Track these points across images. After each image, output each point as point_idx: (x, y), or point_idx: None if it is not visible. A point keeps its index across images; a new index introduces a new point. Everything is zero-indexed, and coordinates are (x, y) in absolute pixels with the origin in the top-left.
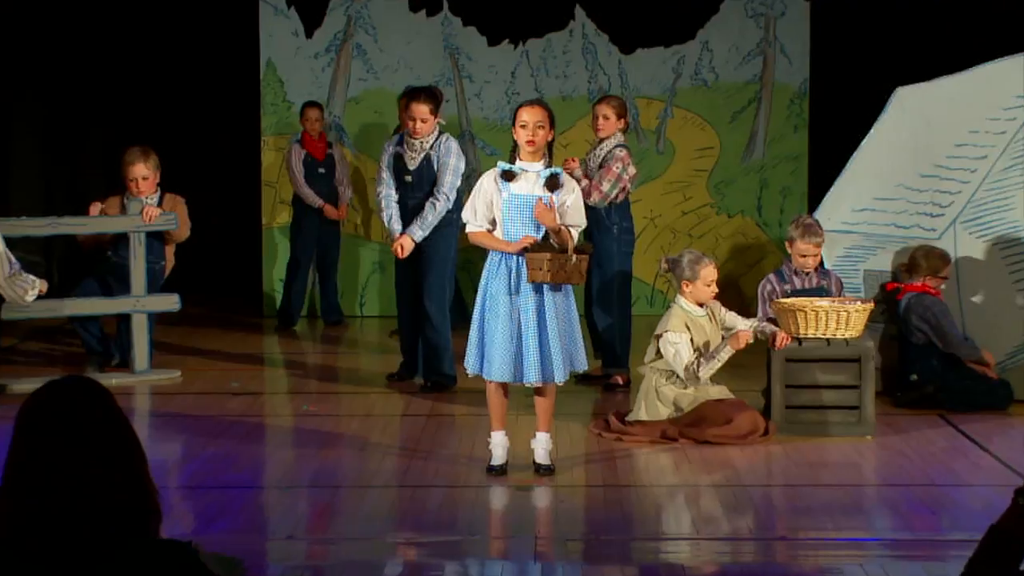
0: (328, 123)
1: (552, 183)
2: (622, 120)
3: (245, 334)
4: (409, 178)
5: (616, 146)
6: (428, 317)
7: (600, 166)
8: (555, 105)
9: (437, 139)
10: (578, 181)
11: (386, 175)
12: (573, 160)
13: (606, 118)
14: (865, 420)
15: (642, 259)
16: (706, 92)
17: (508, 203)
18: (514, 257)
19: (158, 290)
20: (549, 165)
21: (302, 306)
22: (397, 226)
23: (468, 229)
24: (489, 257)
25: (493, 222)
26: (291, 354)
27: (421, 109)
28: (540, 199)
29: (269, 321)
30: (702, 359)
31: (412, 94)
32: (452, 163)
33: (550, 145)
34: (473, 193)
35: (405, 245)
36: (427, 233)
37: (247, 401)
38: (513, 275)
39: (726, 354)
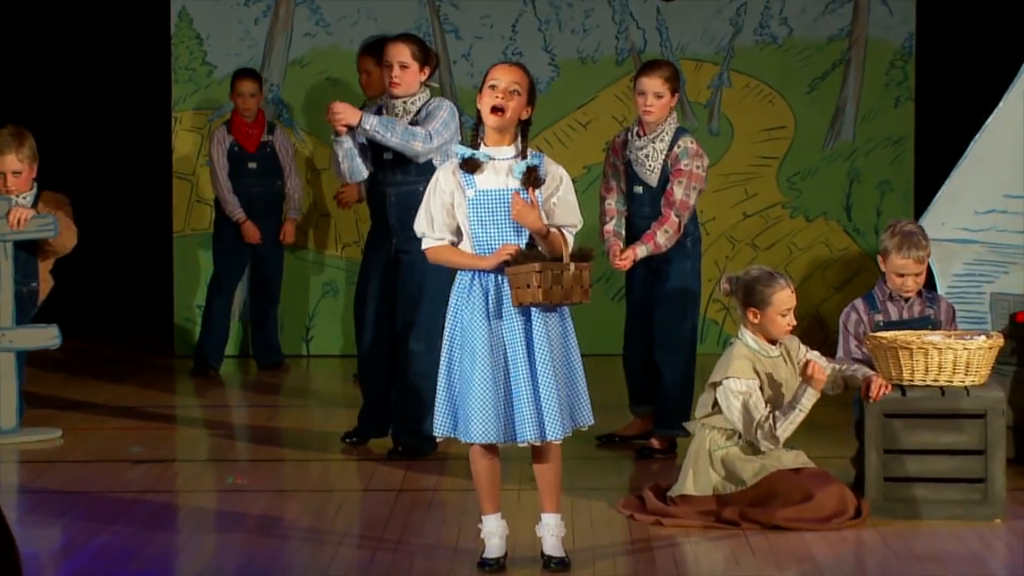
0: (266, 95)
1: (531, 178)
2: (676, 95)
3: (151, 380)
4: (389, 154)
5: (678, 134)
6: (412, 356)
7: (666, 165)
8: (572, 69)
9: (427, 103)
10: (648, 242)
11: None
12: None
13: (659, 96)
14: (992, 497)
15: None
16: (776, 52)
17: (475, 203)
18: (491, 275)
19: (30, 321)
20: (524, 153)
21: (226, 342)
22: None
23: (426, 244)
24: (457, 279)
25: (458, 232)
26: (213, 407)
27: (400, 51)
28: (516, 192)
29: (183, 363)
30: (778, 413)
31: (386, 38)
32: (442, 114)
33: (524, 127)
34: (426, 195)
35: (348, 109)
36: (380, 133)
37: (152, 472)
38: (491, 298)
39: (809, 400)
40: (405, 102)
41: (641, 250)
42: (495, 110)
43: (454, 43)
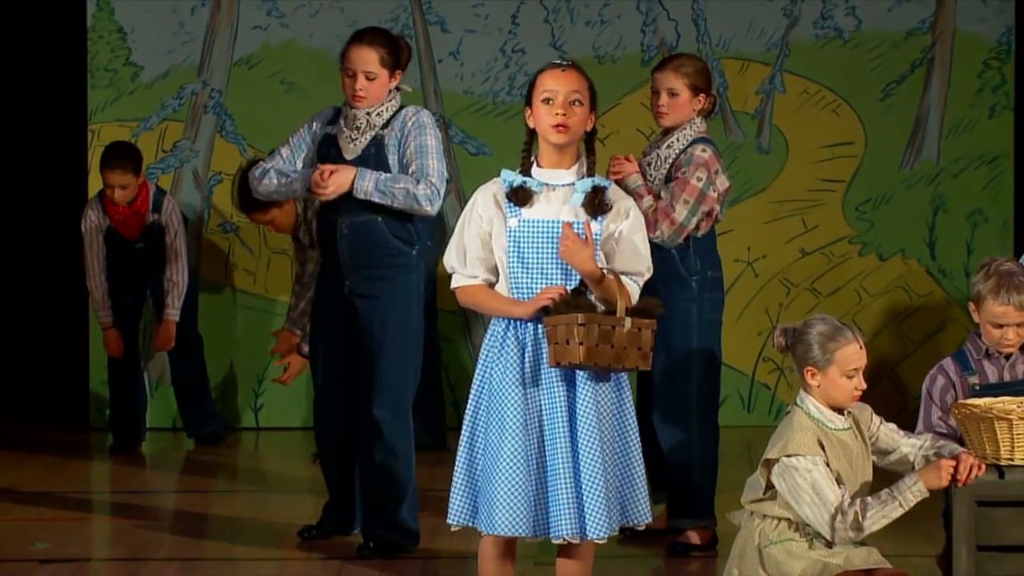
0: (200, 105)
1: (595, 202)
2: (701, 96)
3: (59, 460)
4: None
5: (694, 141)
6: (376, 428)
7: (669, 177)
8: (591, 69)
9: (397, 114)
10: (637, 198)
11: (285, 153)
12: (626, 160)
13: (673, 94)
14: None
15: (734, 330)
16: (841, 50)
17: (519, 236)
18: (529, 325)
19: None
20: (591, 172)
21: (145, 410)
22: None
23: (455, 283)
24: (490, 328)
25: (495, 270)
26: (137, 493)
27: (366, 57)
28: (567, 224)
29: (100, 437)
30: (870, 499)
31: (353, 36)
32: (432, 142)
33: (590, 139)
34: (460, 223)
35: (339, 175)
36: (379, 197)
37: (62, 573)
38: (529, 355)
39: (915, 496)
40: (369, 114)
41: (631, 180)
42: (558, 127)
43: (440, 38)
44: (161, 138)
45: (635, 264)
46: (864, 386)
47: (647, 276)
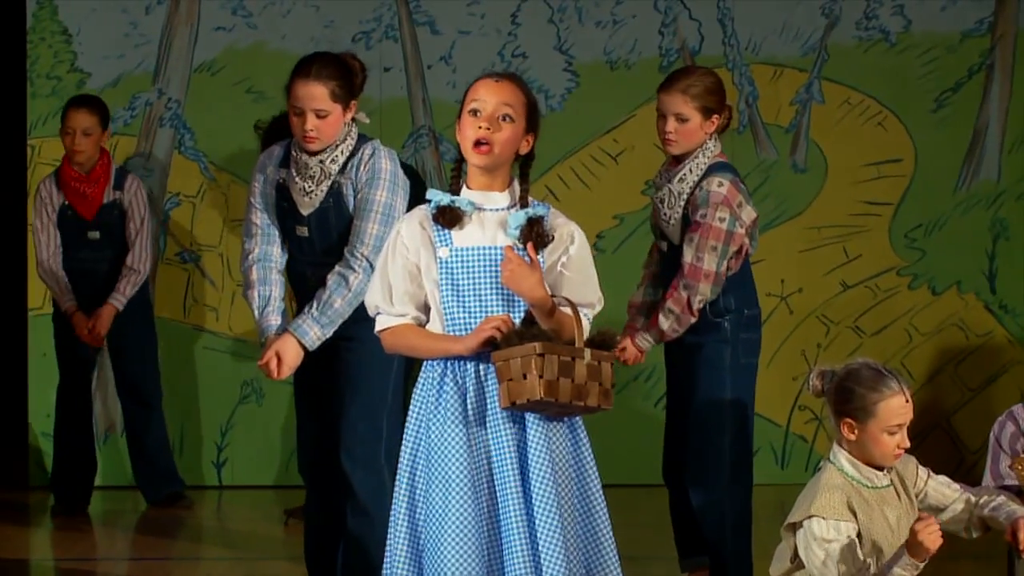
0: (155, 116)
1: (532, 235)
2: (714, 118)
3: None
4: (304, 230)
5: (708, 172)
6: (345, 482)
7: (686, 217)
8: (598, 78)
9: (355, 153)
10: (672, 308)
11: (259, 220)
12: (633, 347)
13: (682, 120)
14: None
15: (766, 375)
16: (887, 54)
17: (451, 267)
18: (470, 364)
19: None
20: (524, 200)
21: (94, 467)
22: (275, 319)
23: (381, 325)
24: (422, 374)
25: (425, 308)
26: (81, 561)
27: (314, 94)
28: (509, 247)
29: (40, 496)
30: (897, 567)
31: (298, 68)
32: (380, 198)
33: (524, 164)
34: (383, 258)
35: (286, 355)
36: (330, 331)
37: None
38: (471, 398)
39: (905, 571)
40: (323, 161)
41: (641, 340)
42: (478, 145)
43: (430, 40)
44: (111, 155)
45: (584, 295)
46: (907, 444)
47: (598, 308)
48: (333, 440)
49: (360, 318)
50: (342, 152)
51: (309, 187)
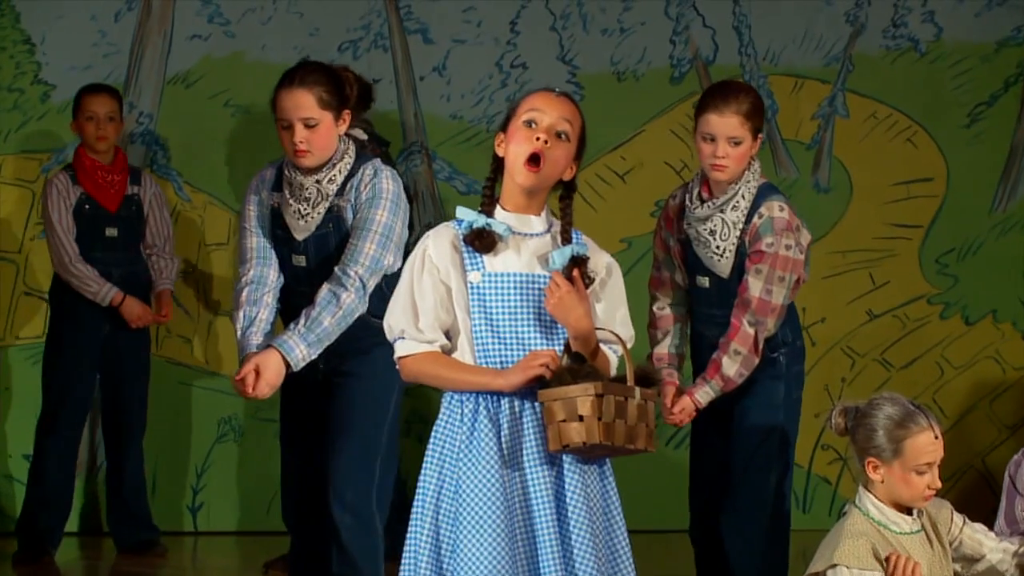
0: (126, 132)
1: (578, 272)
2: (760, 137)
3: None
4: (301, 259)
5: (760, 195)
6: (338, 534)
7: (742, 248)
8: (604, 90)
9: (354, 173)
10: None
11: (254, 243)
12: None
13: (736, 143)
14: None
15: None
16: (917, 65)
17: (483, 293)
18: (505, 401)
19: None
20: (566, 233)
21: (68, 511)
22: (256, 339)
23: (404, 351)
24: (447, 407)
25: (448, 335)
26: None
27: (300, 102)
28: (558, 272)
29: (5, 544)
30: None
31: (282, 79)
32: (381, 218)
33: (567, 191)
34: (407, 276)
35: (266, 371)
36: (317, 352)
37: None
38: (505, 438)
39: None
40: (319, 181)
41: (702, 394)
42: (533, 160)
43: (422, 49)
44: None
45: (621, 330)
46: (938, 485)
47: (630, 345)
48: (321, 483)
49: (358, 350)
50: (340, 171)
51: (304, 209)
